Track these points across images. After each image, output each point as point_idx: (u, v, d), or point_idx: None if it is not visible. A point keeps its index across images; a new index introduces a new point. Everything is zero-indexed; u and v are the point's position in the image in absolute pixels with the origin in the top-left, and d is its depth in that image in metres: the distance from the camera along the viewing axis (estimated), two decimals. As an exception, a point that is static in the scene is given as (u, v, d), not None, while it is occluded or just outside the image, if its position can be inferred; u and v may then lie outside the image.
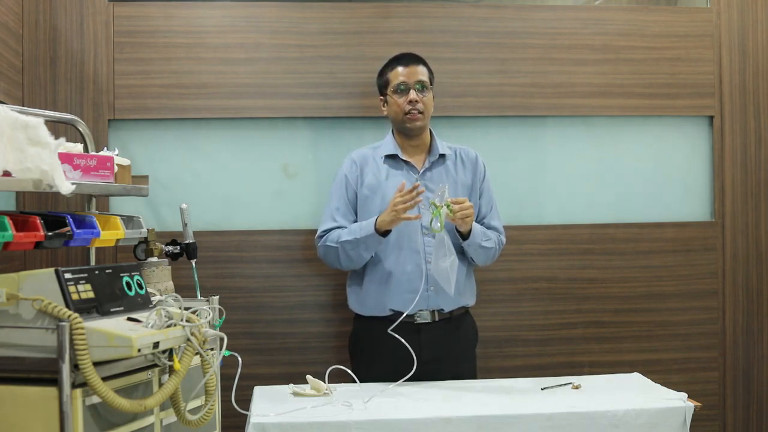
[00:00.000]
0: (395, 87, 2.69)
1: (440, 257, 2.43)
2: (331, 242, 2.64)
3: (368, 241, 2.56)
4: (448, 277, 2.43)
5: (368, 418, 2.09)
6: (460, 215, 2.45)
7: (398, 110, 2.69)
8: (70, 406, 1.66)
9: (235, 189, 3.08)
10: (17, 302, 1.71)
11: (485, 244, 2.64)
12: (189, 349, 1.86)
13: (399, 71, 2.70)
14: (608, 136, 3.26)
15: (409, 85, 2.67)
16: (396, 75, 2.71)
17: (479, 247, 2.63)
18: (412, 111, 2.66)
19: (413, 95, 2.66)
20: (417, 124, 2.68)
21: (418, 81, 2.68)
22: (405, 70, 2.70)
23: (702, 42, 3.25)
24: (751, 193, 3.26)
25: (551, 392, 2.37)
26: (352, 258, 2.62)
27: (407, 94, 2.67)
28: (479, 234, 2.62)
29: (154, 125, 3.04)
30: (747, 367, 3.26)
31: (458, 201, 2.47)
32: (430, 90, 2.71)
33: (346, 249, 2.60)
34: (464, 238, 2.59)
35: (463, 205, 2.47)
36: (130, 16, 2.99)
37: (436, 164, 2.73)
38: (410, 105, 2.66)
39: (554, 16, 3.20)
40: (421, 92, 2.67)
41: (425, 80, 2.69)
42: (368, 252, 2.60)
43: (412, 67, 2.70)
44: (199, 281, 2.56)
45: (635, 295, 3.21)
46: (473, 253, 2.66)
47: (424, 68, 2.73)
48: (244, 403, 2.24)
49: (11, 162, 1.78)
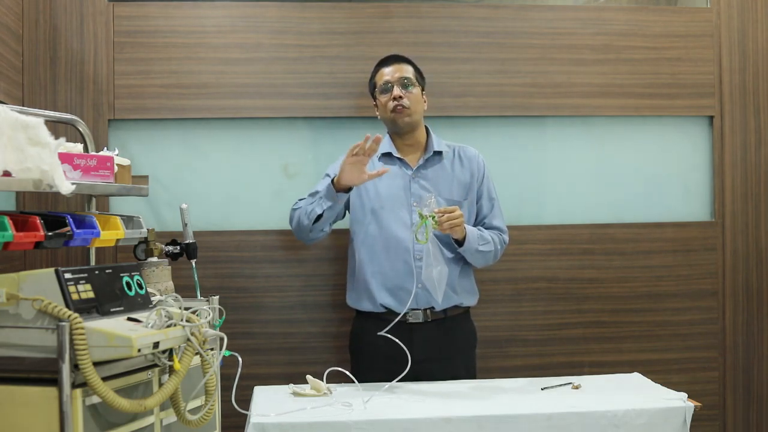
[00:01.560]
0: (380, 87, 2.71)
1: (429, 266, 2.44)
2: (294, 206, 2.70)
3: (326, 192, 2.57)
4: (434, 287, 2.44)
5: (368, 418, 2.09)
6: (447, 225, 2.45)
7: (385, 109, 2.70)
8: (70, 406, 1.66)
9: (235, 189, 3.09)
10: (17, 302, 1.71)
11: (482, 248, 2.64)
12: (189, 349, 1.86)
13: (383, 72, 2.73)
14: (608, 136, 3.26)
15: (392, 83, 2.69)
16: (381, 76, 2.73)
17: (476, 252, 2.63)
18: (397, 107, 2.67)
19: (397, 91, 2.67)
20: (405, 119, 2.68)
21: (401, 77, 2.69)
22: (389, 69, 2.72)
23: (702, 42, 3.25)
24: (751, 193, 3.26)
25: (551, 392, 2.37)
26: (309, 217, 2.61)
27: (392, 92, 2.68)
28: (475, 240, 2.61)
29: (154, 125, 3.04)
30: (747, 367, 3.25)
31: (447, 210, 2.46)
32: (416, 86, 2.71)
33: (306, 210, 2.63)
34: (459, 245, 2.59)
35: (452, 215, 2.46)
36: (130, 16, 2.99)
37: (431, 162, 2.73)
38: (395, 101, 2.67)
39: (554, 16, 3.20)
40: (406, 88, 2.68)
41: (409, 77, 2.70)
42: (320, 206, 2.59)
43: (395, 66, 2.72)
44: (199, 281, 2.56)
45: (635, 295, 3.21)
46: (470, 258, 2.66)
47: (408, 66, 2.74)
48: (244, 403, 2.24)
49: (11, 162, 1.78)
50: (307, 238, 2.70)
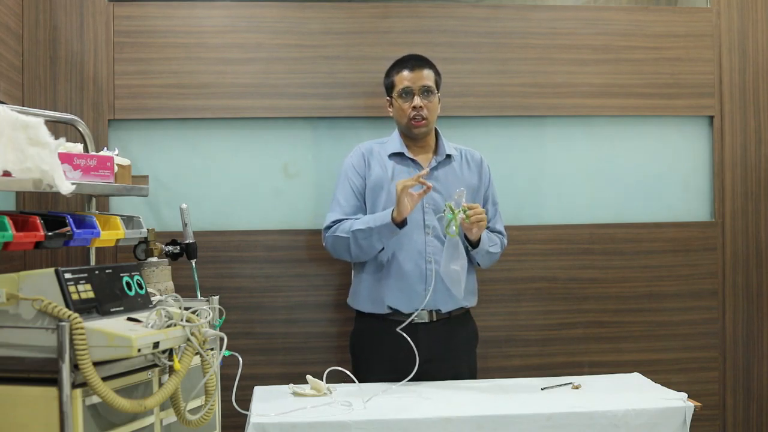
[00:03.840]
0: (400, 91, 2.67)
1: (452, 260, 2.43)
2: (342, 232, 2.59)
3: (382, 230, 2.51)
4: (458, 280, 2.43)
5: (368, 418, 2.09)
6: (475, 219, 2.43)
7: (403, 115, 2.67)
8: (70, 406, 1.66)
9: (235, 189, 3.09)
10: (17, 302, 1.71)
11: (492, 249, 2.65)
12: (189, 349, 1.86)
13: (404, 75, 2.67)
14: (608, 136, 3.26)
15: (413, 90, 2.65)
16: (401, 79, 2.68)
17: (486, 253, 2.64)
18: (416, 117, 2.64)
19: (417, 101, 2.63)
20: (421, 130, 2.67)
21: (423, 86, 2.65)
22: (410, 75, 2.66)
23: (702, 42, 3.25)
24: (751, 193, 3.26)
25: (551, 392, 2.37)
26: (363, 248, 2.57)
27: (412, 100, 2.64)
28: (486, 240, 2.62)
29: (154, 125, 3.04)
30: (747, 367, 3.25)
31: (473, 206, 2.45)
32: (435, 94, 2.67)
33: (358, 238, 2.55)
34: (473, 246, 2.59)
35: (477, 209, 2.45)
36: (129, 16, 2.99)
37: (442, 164, 2.72)
38: (414, 111, 2.64)
39: (554, 16, 3.20)
40: (426, 97, 2.65)
41: (430, 85, 2.66)
42: (380, 242, 2.56)
43: (417, 72, 2.67)
44: (199, 281, 2.56)
45: (635, 295, 3.21)
46: (480, 259, 2.66)
47: (430, 72, 2.69)
48: (244, 403, 2.24)
49: (11, 162, 1.78)
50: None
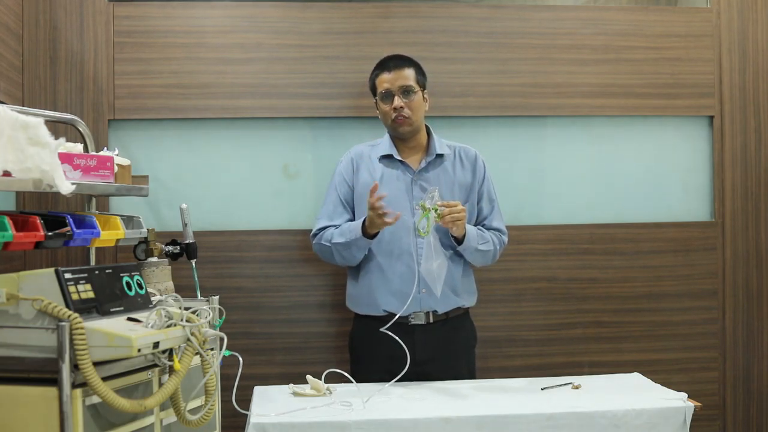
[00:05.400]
0: (380, 94, 2.68)
1: (429, 259, 2.43)
2: (325, 241, 2.67)
3: (358, 243, 2.58)
4: (436, 278, 2.44)
5: (368, 417, 2.09)
6: (449, 218, 2.42)
7: (386, 117, 2.68)
8: (70, 406, 1.66)
9: (235, 189, 3.09)
10: (17, 302, 1.71)
11: (481, 247, 2.63)
12: (189, 349, 1.86)
13: (384, 77, 2.68)
14: (608, 136, 3.25)
15: (393, 92, 2.65)
16: (381, 81, 2.69)
17: (475, 251, 2.62)
18: (397, 117, 2.65)
19: (397, 102, 2.63)
20: (405, 128, 2.67)
21: (401, 86, 2.64)
22: (389, 76, 2.67)
23: (702, 42, 3.25)
24: (751, 193, 3.26)
25: (551, 392, 2.37)
26: (345, 257, 2.65)
27: (392, 101, 2.65)
28: (474, 238, 2.60)
29: (154, 125, 3.04)
30: (747, 367, 3.25)
31: (449, 204, 2.44)
32: (416, 92, 2.66)
33: (338, 250, 2.63)
34: (459, 243, 2.59)
35: (454, 209, 2.43)
36: (130, 16, 2.99)
37: (432, 164, 2.71)
38: (395, 111, 2.64)
39: (554, 16, 3.20)
40: (407, 97, 2.64)
41: (410, 84, 2.65)
42: (360, 252, 2.62)
43: (396, 72, 2.66)
44: (199, 281, 2.56)
45: (635, 295, 3.21)
46: (469, 257, 2.65)
47: (409, 70, 2.68)
48: (244, 403, 2.24)
49: (11, 162, 1.78)
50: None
